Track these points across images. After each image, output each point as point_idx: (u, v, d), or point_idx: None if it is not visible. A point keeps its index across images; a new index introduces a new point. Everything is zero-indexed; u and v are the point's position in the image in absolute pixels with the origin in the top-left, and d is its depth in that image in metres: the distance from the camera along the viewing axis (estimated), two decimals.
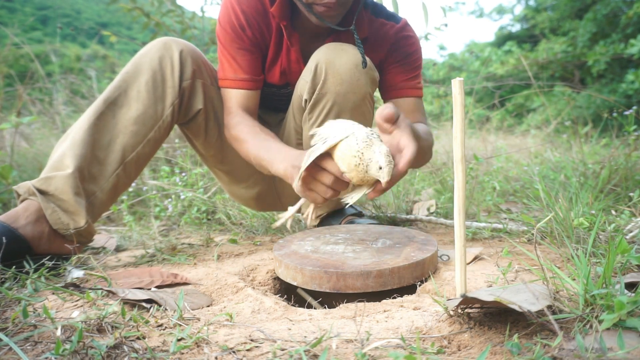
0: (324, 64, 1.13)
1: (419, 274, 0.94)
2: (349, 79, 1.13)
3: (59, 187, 1.06)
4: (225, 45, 1.20)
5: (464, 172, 0.72)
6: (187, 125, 1.30)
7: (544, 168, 2.16)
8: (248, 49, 1.20)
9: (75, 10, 24.60)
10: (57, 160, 1.10)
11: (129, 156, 1.16)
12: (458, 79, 0.70)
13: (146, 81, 1.17)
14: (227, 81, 1.23)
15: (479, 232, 1.33)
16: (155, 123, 1.18)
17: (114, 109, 1.15)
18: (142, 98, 1.16)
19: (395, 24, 1.29)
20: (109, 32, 2.85)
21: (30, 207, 1.06)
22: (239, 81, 1.22)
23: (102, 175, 1.14)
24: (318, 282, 0.92)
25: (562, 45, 9.11)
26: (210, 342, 0.64)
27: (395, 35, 1.28)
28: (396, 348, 0.60)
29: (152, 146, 1.20)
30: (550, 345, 0.56)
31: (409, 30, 1.30)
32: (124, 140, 1.15)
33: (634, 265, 0.84)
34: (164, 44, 1.20)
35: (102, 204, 1.15)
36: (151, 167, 2.35)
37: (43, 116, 3.00)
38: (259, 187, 1.43)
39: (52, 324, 0.67)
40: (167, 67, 1.19)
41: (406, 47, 1.30)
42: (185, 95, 1.23)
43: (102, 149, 1.14)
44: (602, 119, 2.45)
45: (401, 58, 1.29)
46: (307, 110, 1.19)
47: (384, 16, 1.29)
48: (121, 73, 1.19)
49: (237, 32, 1.18)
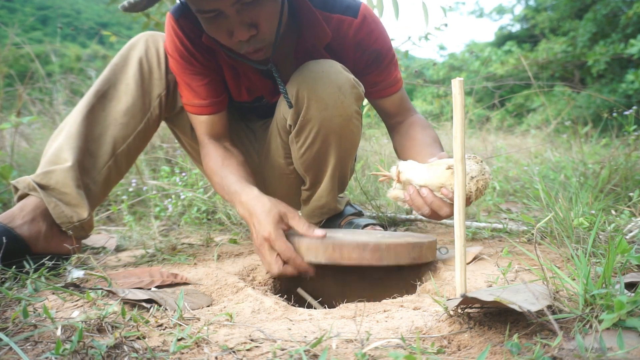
0: (305, 90, 1.07)
1: (416, 255, 0.95)
2: (332, 103, 1.07)
3: (60, 181, 1.07)
4: (179, 73, 1.15)
5: (464, 172, 0.72)
6: (173, 121, 1.30)
7: (544, 168, 2.17)
8: (202, 73, 1.14)
9: (75, 10, 24.60)
10: (54, 153, 1.10)
11: (119, 148, 1.17)
12: (458, 79, 0.70)
13: (134, 73, 1.17)
14: (189, 107, 1.20)
15: (479, 232, 1.33)
16: (144, 115, 1.19)
17: (104, 101, 1.16)
18: (130, 90, 1.17)
19: (353, 20, 1.13)
20: (109, 32, 2.84)
21: (26, 206, 1.06)
22: (199, 107, 1.18)
23: (95, 168, 1.15)
24: (314, 253, 0.92)
25: (562, 45, 9.11)
26: (210, 342, 0.64)
27: (355, 37, 1.14)
28: (396, 348, 0.60)
29: (141, 138, 1.21)
30: (550, 345, 0.56)
31: (369, 24, 1.14)
32: (114, 132, 1.16)
33: (633, 265, 0.84)
34: (150, 36, 1.21)
35: (96, 196, 1.16)
36: (151, 167, 2.35)
37: (43, 116, 3.00)
38: None
39: (52, 324, 0.67)
40: (153, 58, 1.19)
41: (371, 46, 1.16)
42: (171, 87, 1.23)
43: (93, 142, 1.15)
44: (602, 119, 2.45)
45: (371, 60, 1.18)
46: (293, 134, 1.15)
47: (339, 10, 1.13)
48: (109, 65, 1.20)
49: (186, 58, 1.12)
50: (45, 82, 3.14)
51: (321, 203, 1.30)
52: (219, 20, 0.95)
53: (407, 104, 1.30)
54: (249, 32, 0.96)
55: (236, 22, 0.94)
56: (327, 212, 1.35)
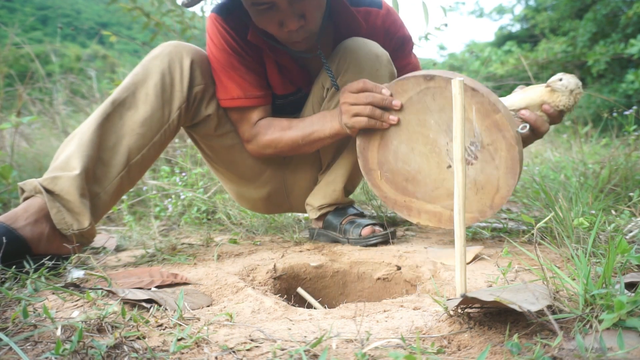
0: (345, 56, 1.18)
1: None
2: (368, 69, 1.17)
3: (65, 188, 1.06)
4: (228, 67, 1.21)
5: (464, 172, 0.72)
6: (195, 128, 1.30)
7: (544, 168, 2.17)
8: (253, 67, 1.23)
9: (75, 10, 24.60)
10: (64, 160, 1.10)
11: (134, 158, 1.16)
12: (458, 79, 0.70)
13: (155, 84, 1.16)
14: (240, 100, 1.23)
15: (479, 232, 1.33)
16: (161, 126, 1.18)
17: (122, 110, 1.15)
18: (150, 101, 1.16)
19: (379, 11, 1.28)
20: (109, 32, 2.85)
21: (30, 207, 1.06)
22: (255, 99, 1.24)
23: (106, 177, 1.14)
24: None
25: (562, 45, 9.10)
26: (210, 342, 0.64)
27: (383, 25, 1.29)
28: (396, 348, 0.60)
29: (157, 149, 1.20)
30: (550, 345, 0.56)
31: (393, 14, 1.31)
32: (129, 142, 1.15)
33: (633, 265, 0.84)
34: (174, 47, 1.20)
35: (105, 205, 1.15)
36: (151, 167, 2.35)
37: (43, 116, 3.00)
38: (269, 185, 1.43)
39: (52, 324, 0.67)
40: (176, 71, 1.18)
41: (398, 34, 1.31)
42: (196, 99, 1.23)
43: (107, 151, 1.14)
44: (602, 118, 2.45)
45: (398, 46, 1.32)
46: (327, 98, 1.24)
47: (365, 3, 1.28)
48: (130, 75, 1.19)
49: (237, 51, 1.20)
50: (45, 82, 3.14)
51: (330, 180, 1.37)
52: (271, 12, 1.06)
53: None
54: (299, 23, 1.06)
55: (287, 13, 1.05)
56: (331, 195, 1.38)
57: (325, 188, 1.38)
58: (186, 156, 2.17)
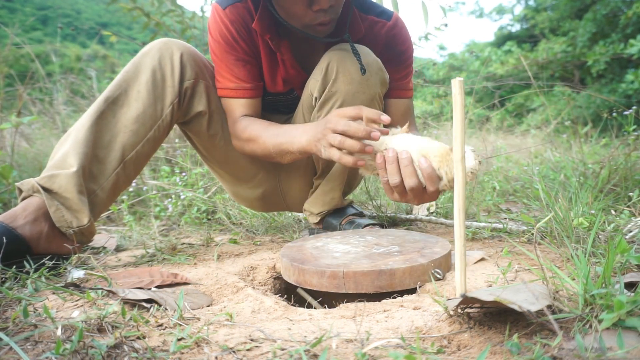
0: (335, 62, 1.15)
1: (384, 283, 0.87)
2: (358, 78, 1.15)
3: (63, 186, 1.07)
4: (221, 57, 1.22)
5: (464, 172, 0.72)
6: (188, 125, 1.30)
7: (544, 168, 2.17)
8: (243, 59, 1.23)
9: (76, 10, 24.60)
10: (60, 158, 1.10)
11: (128, 155, 1.16)
12: (458, 79, 0.70)
13: (146, 81, 1.17)
14: (227, 91, 1.24)
15: (479, 232, 1.33)
16: (154, 122, 1.19)
17: (115, 108, 1.16)
18: (142, 98, 1.17)
19: (386, 22, 1.28)
20: (109, 32, 2.85)
21: (28, 206, 1.06)
22: (241, 90, 1.24)
23: (102, 174, 1.14)
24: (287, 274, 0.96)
25: (561, 45, 9.11)
26: (210, 342, 0.64)
27: (386, 35, 1.28)
28: (396, 348, 0.60)
29: (151, 145, 1.20)
30: (550, 345, 0.56)
31: (400, 27, 1.29)
32: (123, 139, 1.15)
33: (633, 265, 0.84)
34: (164, 44, 1.20)
35: (102, 202, 1.16)
36: (151, 167, 2.35)
37: (43, 116, 3.00)
38: (264, 186, 1.43)
39: (53, 324, 0.67)
40: (166, 66, 1.19)
41: (398, 46, 1.30)
42: (187, 95, 1.23)
43: (102, 148, 1.14)
44: (602, 119, 2.45)
45: (393, 56, 1.30)
46: (317, 107, 1.22)
47: (374, 13, 1.28)
48: (122, 72, 1.19)
49: (230, 43, 1.21)
50: (45, 82, 3.14)
51: (327, 189, 1.35)
52: None
53: (411, 118, 1.38)
54: (329, 2, 1.07)
55: None
56: (329, 203, 1.37)
57: (324, 197, 1.38)
58: (186, 156, 2.17)
